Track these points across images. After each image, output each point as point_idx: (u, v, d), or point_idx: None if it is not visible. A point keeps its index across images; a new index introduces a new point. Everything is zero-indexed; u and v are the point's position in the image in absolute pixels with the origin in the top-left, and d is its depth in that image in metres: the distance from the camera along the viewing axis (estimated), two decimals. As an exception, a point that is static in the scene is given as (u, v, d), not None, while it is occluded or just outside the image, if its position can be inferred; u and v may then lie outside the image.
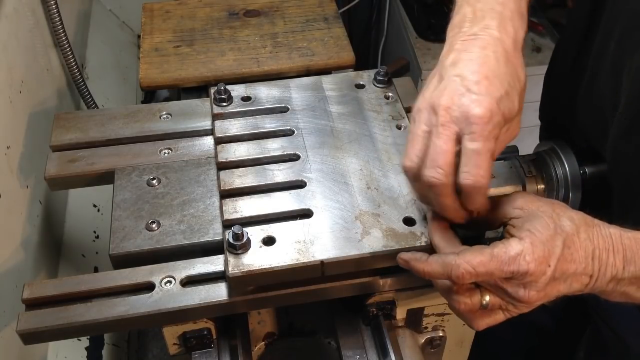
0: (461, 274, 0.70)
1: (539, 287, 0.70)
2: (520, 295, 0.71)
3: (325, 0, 1.36)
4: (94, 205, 1.33)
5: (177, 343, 0.85)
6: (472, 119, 0.69)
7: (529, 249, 0.69)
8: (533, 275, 0.69)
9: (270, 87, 1.04)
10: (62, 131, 0.99)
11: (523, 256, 0.69)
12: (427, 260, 0.75)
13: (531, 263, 0.69)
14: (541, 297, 0.72)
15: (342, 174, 0.89)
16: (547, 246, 0.70)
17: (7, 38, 1.09)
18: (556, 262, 0.70)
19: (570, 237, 0.71)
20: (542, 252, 0.69)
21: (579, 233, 0.72)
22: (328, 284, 0.82)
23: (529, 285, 0.70)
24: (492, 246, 0.71)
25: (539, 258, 0.69)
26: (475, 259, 0.70)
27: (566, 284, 0.72)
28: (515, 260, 0.69)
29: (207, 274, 0.82)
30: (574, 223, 0.72)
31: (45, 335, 0.78)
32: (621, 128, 0.89)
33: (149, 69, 1.18)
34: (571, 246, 0.71)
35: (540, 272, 0.69)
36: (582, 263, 0.71)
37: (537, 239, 0.70)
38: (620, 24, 0.87)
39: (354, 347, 0.88)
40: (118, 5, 1.92)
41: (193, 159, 0.96)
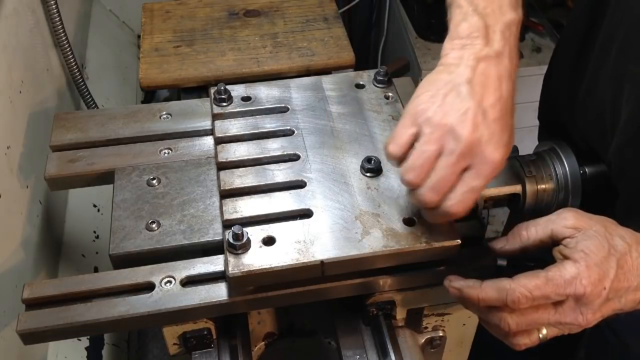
0: (517, 298, 0.71)
1: (594, 308, 0.71)
2: (579, 321, 0.72)
3: (325, 0, 1.36)
4: (94, 205, 1.33)
5: (177, 343, 0.85)
6: (486, 161, 0.71)
7: (584, 273, 0.70)
8: (589, 297, 0.70)
9: (270, 87, 1.04)
10: (62, 131, 0.99)
11: (580, 280, 0.70)
12: (481, 286, 0.74)
13: (588, 287, 0.69)
14: (597, 318, 0.72)
15: (342, 174, 0.89)
16: (602, 268, 0.70)
17: (7, 38, 1.09)
18: (610, 283, 0.70)
19: (623, 256, 0.72)
20: (597, 274, 0.70)
21: (631, 252, 0.72)
22: (328, 284, 0.82)
23: (585, 308, 0.71)
24: (546, 270, 0.71)
25: (594, 281, 0.70)
26: (531, 282, 0.70)
27: (620, 302, 0.73)
28: (571, 283, 0.70)
29: (207, 274, 0.82)
30: (626, 242, 0.73)
31: (45, 335, 0.78)
32: (627, 134, 0.89)
33: (149, 69, 1.18)
34: (624, 265, 0.72)
35: (596, 295, 0.70)
36: (634, 281, 0.72)
37: (591, 260, 0.70)
38: (622, 28, 0.87)
39: (354, 347, 0.88)
40: (118, 5, 1.92)
41: (193, 159, 0.96)
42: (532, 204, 0.97)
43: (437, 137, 0.71)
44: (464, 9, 0.76)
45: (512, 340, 0.76)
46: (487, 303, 0.74)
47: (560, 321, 0.72)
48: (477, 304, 0.75)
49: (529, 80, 1.98)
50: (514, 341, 0.76)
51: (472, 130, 0.70)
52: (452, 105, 0.71)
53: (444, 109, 0.71)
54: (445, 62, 0.75)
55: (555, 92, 1.10)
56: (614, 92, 0.90)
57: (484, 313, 0.76)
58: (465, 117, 0.70)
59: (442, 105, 0.72)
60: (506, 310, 0.73)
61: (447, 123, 0.70)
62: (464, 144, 0.70)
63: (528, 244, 0.78)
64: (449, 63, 0.74)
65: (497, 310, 0.74)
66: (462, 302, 0.78)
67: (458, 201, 0.72)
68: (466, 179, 0.71)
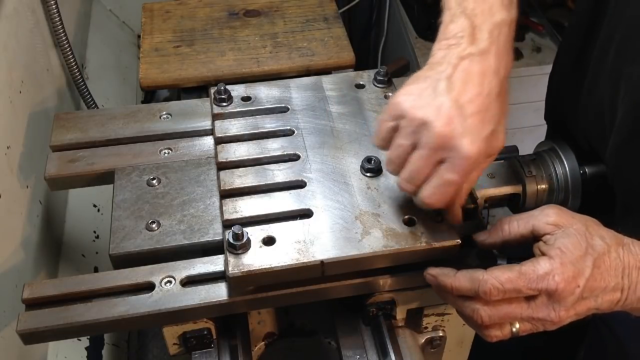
0: (489, 289, 0.71)
1: (567, 305, 0.71)
2: (551, 317, 0.72)
3: (325, 0, 1.36)
4: (94, 205, 1.33)
5: (177, 343, 0.85)
6: (460, 155, 0.71)
7: (558, 269, 0.70)
8: (562, 294, 0.70)
9: (270, 87, 1.04)
10: (62, 131, 0.99)
11: (552, 275, 0.70)
12: (455, 275, 0.75)
13: (560, 283, 0.70)
14: (571, 315, 0.73)
15: (342, 174, 0.89)
16: (577, 266, 0.71)
17: (7, 38, 1.09)
18: (585, 282, 0.71)
19: (601, 256, 0.72)
20: (571, 272, 0.70)
21: (609, 252, 0.73)
22: (328, 284, 0.82)
23: (557, 305, 0.71)
24: (521, 264, 0.72)
25: (567, 278, 0.70)
26: (504, 275, 0.71)
27: (596, 302, 0.73)
28: (543, 278, 0.70)
29: (207, 274, 0.82)
30: (605, 242, 0.73)
31: (45, 335, 0.78)
32: (623, 134, 0.89)
33: (149, 69, 1.18)
34: (601, 265, 0.72)
35: (569, 292, 0.70)
36: (611, 281, 0.72)
37: (567, 258, 0.71)
38: (620, 30, 0.88)
39: (354, 347, 0.88)
40: (118, 5, 1.92)
41: (193, 159, 0.96)
42: (532, 204, 0.97)
43: (411, 131, 0.73)
44: (452, 10, 0.77)
45: (485, 332, 0.76)
46: (460, 292, 0.75)
47: (533, 316, 0.73)
48: (450, 293, 0.76)
49: (529, 80, 1.98)
50: (486, 333, 0.76)
51: (445, 124, 0.70)
52: (428, 100, 0.72)
53: (419, 103, 0.73)
54: (431, 61, 0.76)
55: (558, 93, 1.10)
56: (611, 92, 0.90)
57: (459, 303, 0.76)
58: (439, 112, 0.71)
59: (418, 99, 0.73)
60: (479, 301, 0.74)
61: (421, 117, 0.72)
62: (436, 137, 0.70)
63: (509, 238, 0.78)
64: (434, 62, 0.75)
65: (470, 301, 0.74)
66: (437, 291, 0.79)
67: (431, 193, 0.74)
68: (440, 171, 0.72)
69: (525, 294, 0.72)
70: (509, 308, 0.73)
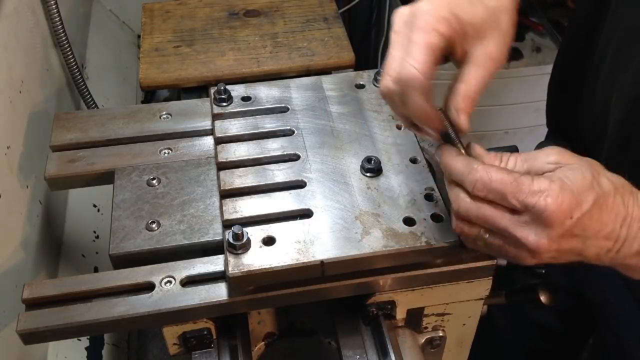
0: (475, 180, 0.66)
1: (552, 235, 0.64)
2: (529, 240, 0.65)
3: (325, 0, 1.36)
4: (94, 205, 1.33)
5: (177, 343, 0.85)
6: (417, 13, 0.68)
7: (555, 191, 0.63)
8: (549, 218, 0.63)
9: (270, 87, 1.04)
10: (62, 131, 0.99)
11: (546, 195, 0.63)
12: (455, 155, 0.70)
13: (551, 205, 0.62)
14: (552, 250, 0.65)
15: (342, 174, 0.89)
16: (577, 197, 0.64)
17: (7, 38, 1.09)
18: (580, 215, 0.64)
19: (604, 195, 0.65)
20: (568, 199, 0.63)
21: (615, 195, 0.66)
22: (328, 284, 0.82)
23: (542, 230, 0.64)
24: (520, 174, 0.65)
25: (561, 204, 0.63)
26: (498, 174, 0.65)
27: (584, 244, 0.66)
28: (535, 194, 0.63)
29: (207, 274, 0.82)
30: (612, 183, 0.66)
31: (45, 335, 0.78)
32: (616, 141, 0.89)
33: (149, 69, 1.18)
34: (602, 205, 0.65)
35: (558, 220, 0.63)
36: (608, 226, 0.66)
37: (568, 186, 0.64)
38: (615, 37, 0.88)
39: (354, 347, 0.88)
40: (118, 5, 1.92)
41: (193, 159, 0.96)
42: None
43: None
44: None
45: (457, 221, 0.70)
46: (452, 172, 0.69)
47: (510, 231, 0.65)
48: (445, 169, 0.71)
49: (529, 80, 1.98)
50: (457, 223, 0.70)
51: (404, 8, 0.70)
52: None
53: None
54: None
55: (559, 98, 1.10)
56: (605, 99, 0.90)
57: (449, 185, 0.71)
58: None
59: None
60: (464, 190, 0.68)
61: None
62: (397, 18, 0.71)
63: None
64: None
65: (458, 187, 0.69)
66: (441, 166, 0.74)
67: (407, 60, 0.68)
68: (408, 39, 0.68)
69: (510, 203, 0.64)
70: (489, 210, 0.66)
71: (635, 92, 0.85)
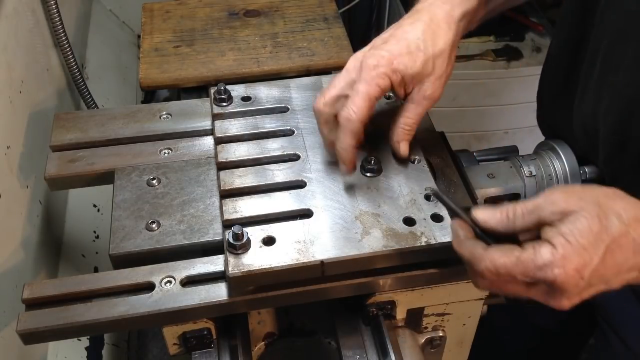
0: (482, 270, 0.68)
1: (569, 295, 0.66)
2: (551, 303, 0.68)
3: (325, 0, 1.35)
4: (94, 205, 1.33)
5: (177, 343, 0.85)
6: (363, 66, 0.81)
7: (559, 261, 0.64)
8: (562, 286, 0.65)
9: (270, 87, 1.04)
10: (62, 131, 0.99)
11: (552, 267, 0.64)
12: (463, 241, 0.72)
13: (560, 276, 0.64)
14: (574, 302, 0.68)
15: (342, 174, 0.89)
16: (584, 257, 0.65)
17: (7, 38, 1.09)
18: (591, 272, 0.65)
19: (616, 240, 0.65)
20: (574, 264, 0.64)
21: (627, 233, 0.66)
22: (328, 284, 0.82)
23: (560, 295, 0.66)
24: (521, 249, 0.67)
25: (569, 271, 0.64)
26: (500, 259, 0.67)
27: (607, 285, 0.68)
28: (542, 269, 0.65)
29: (207, 274, 0.82)
30: (622, 222, 0.66)
31: (45, 335, 0.78)
32: (612, 144, 0.89)
33: (149, 69, 1.18)
34: (615, 250, 0.66)
35: (572, 285, 0.65)
36: (627, 263, 0.67)
37: (571, 248, 0.65)
38: (605, 40, 0.88)
39: (354, 347, 0.87)
40: (118, 5, 1.92)
41: (193, 159, 0.96)
42: (532, 204, 0.96)
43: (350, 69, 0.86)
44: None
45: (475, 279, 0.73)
46: (463, 258, 0.72)
47: (531, 297, 0.68)
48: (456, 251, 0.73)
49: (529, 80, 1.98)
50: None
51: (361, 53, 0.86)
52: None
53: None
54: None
55: (550, 107, 1.10)
56: (595, 102, 0.90)
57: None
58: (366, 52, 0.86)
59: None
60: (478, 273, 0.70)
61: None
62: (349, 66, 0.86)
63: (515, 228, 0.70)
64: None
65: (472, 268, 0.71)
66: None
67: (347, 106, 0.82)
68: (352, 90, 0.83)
69: (523, 281, 0.67)
70: (506, 287, 0.69)
71: (628, 92, 0.85)
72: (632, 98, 0.84)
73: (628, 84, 0.84)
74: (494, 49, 2.16)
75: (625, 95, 0.85)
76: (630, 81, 0.84)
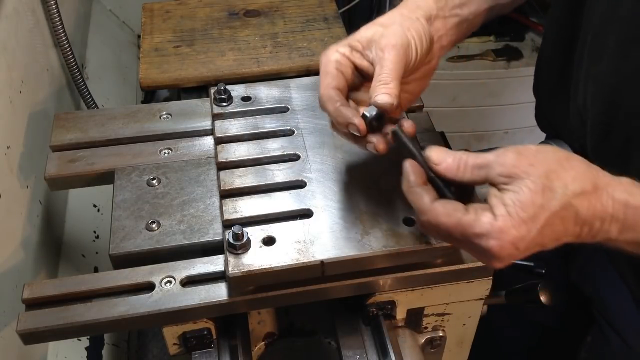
0: (424, 222, 0.70)
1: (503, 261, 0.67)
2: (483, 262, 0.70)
3: (325, 0, 1.35)
4: (94, 205, 1.33)
5: (177, 343, 0.85)
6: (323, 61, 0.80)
7: (495, 233, 0.65)
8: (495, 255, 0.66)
9: (270, 87, 1.04)
10: (62, 131, 0.99)
11: (488, 238, 0.65)
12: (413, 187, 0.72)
13: (495, 247, 0.65)
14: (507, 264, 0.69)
15: (342, 174, 0.89)
16: (520, 231, 0.65)
17: (7, 38, 1.09)
18: (526, 243, 0.66)
19: (557, 214, 0.66)
20: (511, 237, 0.65)
21: (569, 206, 0.66)
22: (328, 284, 0.82)
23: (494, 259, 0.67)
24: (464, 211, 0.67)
25: (504, 244, 0.65)
26: (442, 218, 0.68)
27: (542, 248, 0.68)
28: (478, 236, 0.66)
29: (207, 274, 0.82)
30: (567, 193, 0.66)
31: (45, 335, 0.78)
32: (597, 134, 0.90)
33: (149, 69, 1.18)
34: (555, 223, 0.66)
35: (506, 254, 0.66)
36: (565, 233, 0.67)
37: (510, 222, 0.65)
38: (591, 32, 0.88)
39: (354, 347, 0.88)
40: (118, 5, 1.92)
41: (193, 159, 0.96)
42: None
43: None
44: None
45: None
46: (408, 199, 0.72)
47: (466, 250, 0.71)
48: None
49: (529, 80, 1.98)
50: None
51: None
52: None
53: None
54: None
55: (547, 103, 1.10)
56: (584, 93, 0.91)
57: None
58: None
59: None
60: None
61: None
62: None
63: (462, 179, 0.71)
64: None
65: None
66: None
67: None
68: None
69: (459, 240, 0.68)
70: (445, 239, 0.72)
71: (610, 82, 0.85)
72: (615, 87, 0.85)
73: (610, 74, 0.85)
74: (494, 49, 2.17)
75: (608, 85, 0.86)
76: (612, 70, 0.84)
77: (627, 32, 0.81)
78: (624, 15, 0.81)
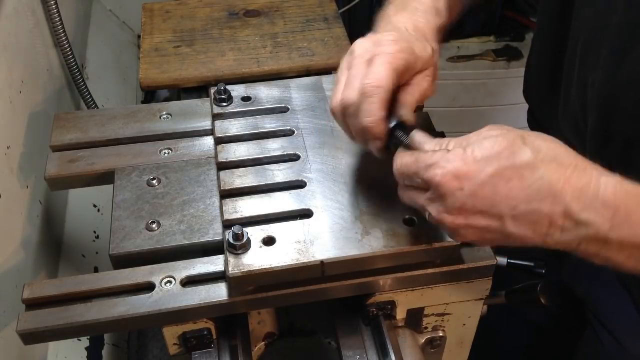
0: (394, 171, 0.71)
1: (449, 208, 0.64)
2: (433, 215, 0.66)
3: (325, 0, 1.35)
4: (94, 205, 1.33)
5: (177, 343, 0.85)
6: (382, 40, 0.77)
7: (442, 162, 0.63)
8: (440, 189, 0.63)
9: (270, 87, 1.04)
10: (62, 131, 0.99)
11: (435, 167, 0.64)
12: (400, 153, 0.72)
13: (437, 176, 0.63)
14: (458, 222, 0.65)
15: (342, 174, 0.89)
16: (469, 166, 0.62)
17: (7, 38, 1.09)
18: (472, 186, 0.62)
19: (518, 168, 0.61)
20: (455, 168, 0.62)
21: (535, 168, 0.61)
22: (328, 284, 0.82)
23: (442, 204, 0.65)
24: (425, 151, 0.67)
25: (447, 173, 0.62)
26: (404, 158, 0.69)
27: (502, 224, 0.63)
28: (428, 169, 0.64)
29: (207, 274, 0.82)
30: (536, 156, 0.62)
31: (45, 335, 0.78)
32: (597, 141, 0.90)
33: (149, 69, 1.18)
34: (513, 178, 0.61)
35: (449, 190, 0.63)
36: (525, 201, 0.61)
37: (460, 156, 0.63)
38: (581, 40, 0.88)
39: (354, 347, 0.87)
40: (118, 5, 1.92)
41: (193, 159, 0.96)
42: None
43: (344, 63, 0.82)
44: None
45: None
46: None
47: (427, 209, 0.67)
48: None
49: (529, 80, 1.98)
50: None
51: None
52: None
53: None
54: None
55: (538, 108, 1.10)
56: (581, 101, 0.91)
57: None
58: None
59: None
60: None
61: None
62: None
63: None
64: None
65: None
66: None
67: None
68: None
69: (418, 183, 0.66)
70: (412, 193, 0.70)
71: (606, 90, 0.85)
72: (612, 94, 0.85)
73: (606, 83, 0.85)
74: (494, 49, 2.16)
75: (604, 92, 0.86)
76: (607, 78, 0.84)
77: (621, 40, 0.81)
78: (616, 23, 0.81)
